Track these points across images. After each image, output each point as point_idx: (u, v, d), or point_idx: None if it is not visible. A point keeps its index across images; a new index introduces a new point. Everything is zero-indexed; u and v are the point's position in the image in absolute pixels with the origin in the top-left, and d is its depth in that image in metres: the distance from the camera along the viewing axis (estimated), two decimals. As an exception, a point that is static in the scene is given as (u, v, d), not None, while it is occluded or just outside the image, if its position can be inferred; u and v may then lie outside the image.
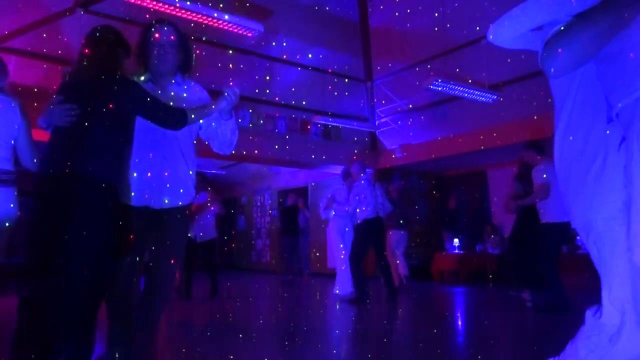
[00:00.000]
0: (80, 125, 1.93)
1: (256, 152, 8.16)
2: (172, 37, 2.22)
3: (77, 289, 1.82)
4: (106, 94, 1.97)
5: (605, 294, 1.18)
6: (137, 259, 2.10)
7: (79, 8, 6.28)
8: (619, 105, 1.12)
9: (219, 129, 2.34)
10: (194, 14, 5.67)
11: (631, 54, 1.10)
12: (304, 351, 3.33)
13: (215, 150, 2.46)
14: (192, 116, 2.11)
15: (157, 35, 2.19)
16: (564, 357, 1.30)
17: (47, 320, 1.81)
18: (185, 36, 2.30)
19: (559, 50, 1.15)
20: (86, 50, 2.07)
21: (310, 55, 8.58)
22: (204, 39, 7.21)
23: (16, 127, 2.55)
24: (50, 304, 1.82)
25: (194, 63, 2.34)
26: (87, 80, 2.01)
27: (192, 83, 2.37)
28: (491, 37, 1.46)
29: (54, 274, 1.80)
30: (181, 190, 2.22)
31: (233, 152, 2.48)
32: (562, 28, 1.16)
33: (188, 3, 5.59)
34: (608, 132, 1.19)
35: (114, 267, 1.97)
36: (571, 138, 1.26)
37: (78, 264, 1.82)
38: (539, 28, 1.34)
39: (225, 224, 6.60)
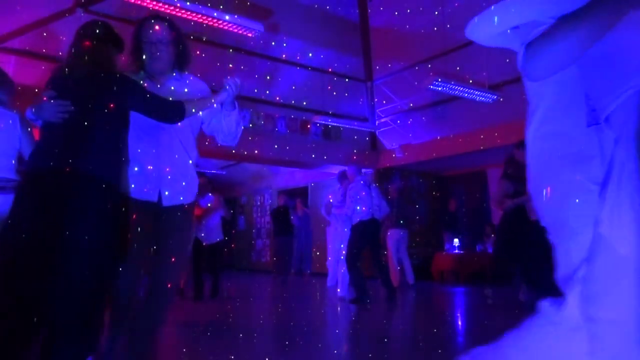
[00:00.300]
0: (79, 122, 1.90)
1: (256, 152, 8.16)
2: (165, 34, 2.16)
3: (77, 289, 1.80)
4: (106, 92, 1.95)
5: (570, 289, 1.16)
6: (139, 259, 2.05)
7: (79, 8, 6.29)
8: (610, 106, 1.11)
9: (224, 121, 2.28)
10: (194, 14, 5.67)
11: (620, 54, 1.10)
12: (304, 351, 3.33)
13: (220, 142, 2.40)
14: (192, 109, 2.07)
15: (148, 32, 2.14)
16: (501, 347, 1.27)
17: (47, 320, 1.79)
18: (180, 31, 2.24)
19: (543, 53, 1.14)
20: (77, 46, 2.03)
21: (310, 55, 8.58)
22: (204, 39, 7.22)
23: (18, 140, 2.64)
24: (50, 304, 1.79)
25: (190, 58, 2.28)
26: (85, 77, 1.97)
27: (192, 77, 2.32)
28: (469, 33, 1.46)
29: (53, 274, 1.79)
30: (183, 184, 2.16)
31: (233, 151, 2.47)
32: (547, 29, 1.15)
33: (188, 3, 5.59)
34: (587, 135, 1.19)
35: (116, 267, 1.94)
36: (545, 138, 1.26)
37: (79, 263, 1.80)
38: (516, 27, 1.35)
39: (226, 224, 6.60)
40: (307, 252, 10.91)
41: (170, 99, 2.07)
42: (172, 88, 2.20)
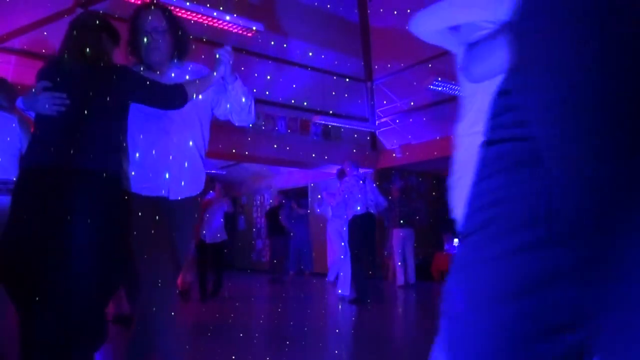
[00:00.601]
0: (77, 116, 1.86)
1: (256, 152, 8.15)
2: (161, 22, 2.08)
3: (81, 289, 1.78)
4: (104, 84, 1.91)
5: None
6: (141, 256, 1.96)
7: (79, 8, 6.28)
8: None
9: (231, 97, 2.19)
10: (194, 14, 5.67)
11: None
12: (304, 351, 3.33)
13: (237, 124, 2.33)
14: (194, 90, 2.02)
15: (144, 21, 2.06)
16: None
17: (48, 321, 1.77)
18: (177, 20, 2.16)
19: (484, 56, 1.14)
20: (71, 38, 1.99)
21: (310, 55, 8.58)
22: (204, 39, 7.21)
23: (19, 141, 2.70)
24: (51, 303, 1.76)
25: (190, 46, 2.19)
26: (81, 69, 1.92)
27: (192, 64, 2.24)
28: (411, 27, 1.47)
29: (55, 273, 1.76)
30: (188, 175, 2.09)
31: (233, 151, 2.45)
32: (492, 33, 1.15)
33: (188, 3, 5.59)
34: None
35: (120, 265, 1.90)
36: (473, 137, 1.26)
37: (82, 262, 1.77)
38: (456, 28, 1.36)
39: (226, 224, 6.58)
40: (306, 252, 10.91)
41: None
42: (173, 74, 2.13)
